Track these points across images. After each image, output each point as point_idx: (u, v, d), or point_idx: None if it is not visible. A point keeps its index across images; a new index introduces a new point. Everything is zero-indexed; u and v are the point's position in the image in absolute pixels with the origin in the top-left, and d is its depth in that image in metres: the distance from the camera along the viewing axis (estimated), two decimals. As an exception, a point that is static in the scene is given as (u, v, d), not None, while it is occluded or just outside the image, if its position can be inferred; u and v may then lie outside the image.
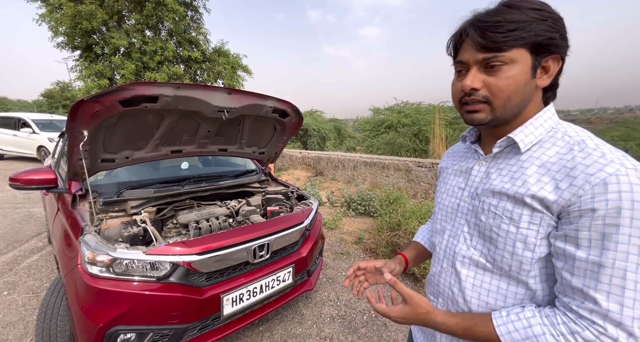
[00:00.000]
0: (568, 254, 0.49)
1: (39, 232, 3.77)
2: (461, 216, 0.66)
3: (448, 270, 0.67)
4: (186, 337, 1.50)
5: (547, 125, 0.57)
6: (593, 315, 0.47)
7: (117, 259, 1.37)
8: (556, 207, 0.50)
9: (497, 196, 0.58)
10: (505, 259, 0.56)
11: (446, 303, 0.68)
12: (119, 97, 1.44)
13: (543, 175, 0.53)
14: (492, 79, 0.55)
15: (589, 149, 0.50)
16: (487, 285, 0.60)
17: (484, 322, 0.56)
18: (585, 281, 0.47)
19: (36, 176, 1.87)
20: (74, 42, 9.50)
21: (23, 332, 1.98)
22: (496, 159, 0.63)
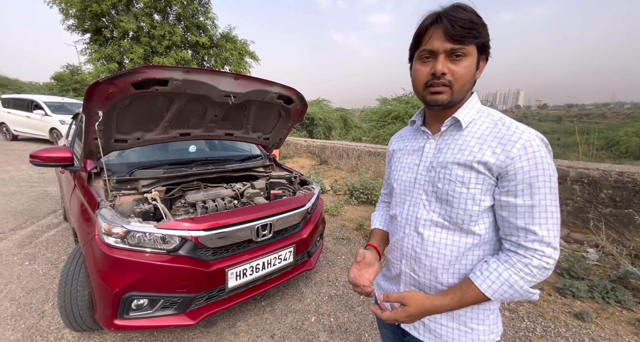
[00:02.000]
0: (511, 204, 0.65)
1: (55, 210, 3.96)
2: (419, 187, 0.78)
3: (410, 234, 0.78)
4: (193, 306, 1.63)
5: (476, 108, 0.73)
6: (535, 244, 0.63)
7: (131, 232, 1.48)
8: (496, 168, 0.65)
9: (450, 166, 0.71)
10: (459, 215, 0.70)
11: (409, 263, 0.79)
12: (131, 80, 1.51)
13: (482, 144, 0.68)
14: (455, 67, 0.66)
15: (507, 124, 0.68)
16: (444, 240, 0.73)
17: (470, 288, 0.68)
18: (526, 220, 0.64)
19: (54, 154, 1.99)
20: (84, 25, 9.52)
21: (45, 297, 2.14)
22: (443, 136, 0.76)
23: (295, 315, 2.07)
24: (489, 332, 0.74)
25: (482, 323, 0.74)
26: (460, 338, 0.74)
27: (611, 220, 3.15)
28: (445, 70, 0.66)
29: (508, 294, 0.65)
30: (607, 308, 2.14)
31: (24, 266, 2.55)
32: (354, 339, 1.86)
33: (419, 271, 0.77)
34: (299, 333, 1.90)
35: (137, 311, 1.53)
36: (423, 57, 0.70)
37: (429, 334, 0.78)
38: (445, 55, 0.66)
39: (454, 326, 0.75)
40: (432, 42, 0.66)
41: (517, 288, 0.64)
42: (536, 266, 0.63)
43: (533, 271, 0.63)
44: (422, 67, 0.70)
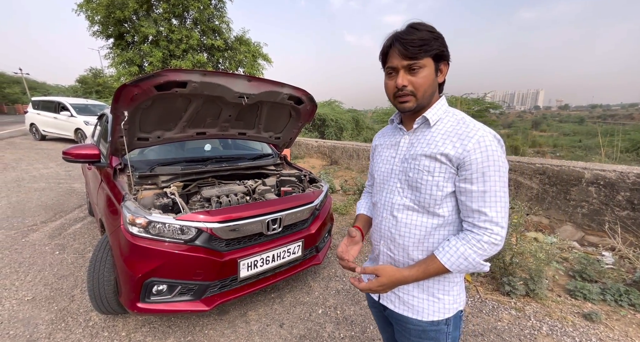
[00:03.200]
0: (467, 190, 0.77)
1: (80, 205, 4.22)
2: (394, 176, 0.89)
3: (387, 218, 0.90)
4: (208, 293, 1.74)
5: (443, 109, 0.85)
6: (486, 223, 0.75)
7: (152, 222, 1.61)
8: (455, 160, 0.77)
9: (419, 157, 0.82)
10: (426, 199, 0.81)
11: (387, 243, 0.91)
12: (154, 82, 1.64)
13: (446, 140, 0.79)
14: (414, 78, 0.78)
15: (467, 122, 0.80)
16: (414, 221, 0.84)
17: (433, 261, 0.80)
18: (479, 204, 0.75)
19: (84, 151, 2.17)
20: (108, 31, 10.03)
21: (74, 284, 2.33)
22: (415, 133, 0.87)
23: (303, 307, 2.15)
24: (453, 301, 0.87)
25: (448, 294, 0.86)
26: (429, 307, 0.86)
27: (628, 223, 3.07)
28: (406, 83, 0.78)
29: (464, 266, 0.77)
30: (619, 311, 2.11)
31: (55, 255, 2.76)
32: (359, 330, 1.93)
33: (394, 249, 0.89)
34: (307, 323, 1.98)
35: (157, 295, 1.66)
36: (388, 73, 0.82)
37: (403, 306, 0.90)
38: (404, 70, 0.78)
39: (423, 296, 0.87)
40: (392, 60, 0.79)
41: (470, 260, 0.76)
42: (486, 241, 0.75)
43: (484, 246, 0.75)
44: (389, 81, 0.83)
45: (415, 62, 0.76)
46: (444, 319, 0.86)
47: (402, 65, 0.78)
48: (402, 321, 0.91)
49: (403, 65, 0.78)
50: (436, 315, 0.86)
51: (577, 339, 1.85)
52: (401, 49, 0.76)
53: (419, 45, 0.75)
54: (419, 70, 0.78)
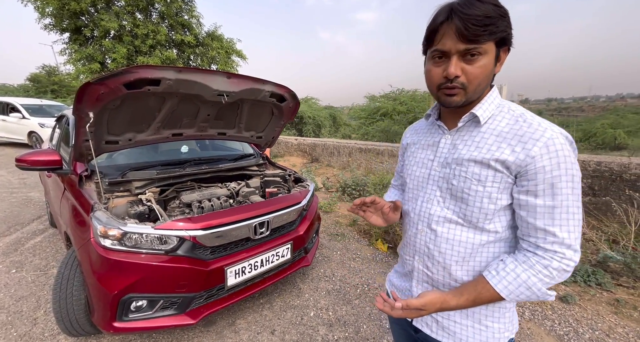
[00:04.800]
0: (530, 204, 0.63)
1: (39, 216, 3.84)
2: (433, 183, 0.76)
3: (423, 230, 0.76)
4: (193, 305, 1.63)
5: (496, 103, 0.69)
6: (554, 245, 0.61)
7: (128, 233, 1.47)
8: (514, 167, 0.63)
9: (465, 163, 0.69)
10: (474, 213, 0.68)
11: (423, 259, 0.78)
12: (123, 80, 1.49)
13: (501, 142, 0.65)
14: (469, 67, 0.62)
15: (529, 120, 0.64)
16: (458, 237, 0.71)
17: (484, 287, 0.66)
18: (545, 221, 0.62)
19: (42, 157, 1.94)
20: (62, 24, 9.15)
21: (36, 305, 2.09)
22: (459, 132, 0.73)
23: (294, 311, 2.09)
24: (504, 330, 0.73)
25: (498, 321, 0.72)
26: (475, 336, 0.73)
27: (590, 208, 3.32)
28: (459, 73, 0.63)
29: (525, 296, 0.64)
30: (589, 291, 2.26)
31: (11, 274, 2.47)
32: (353, 331, 1.91)
33: (433, 267, 0.75)
34: (299, 328, 1.93)
35: (136, 312, 1.52)
36: (435, 57, 0.66)
37: (442, 332, 0.77)
38: (458, 56, 0.62)
39: (468, 323, 0.74)
40: (444, 42, 0.62)
41: (534, 290, 0.63)
42: (556, 268, 0.61)
43: (552, 273, 0.61)
44: (435, 68, 0.66)
45: (476, 46, 0.60)
46: None
47: (458, 50, 0.61)
48: None
49: (459, 49, 0.61)
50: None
51: (556, 322, 1.96)
52: (460, 28, 0.58)
53: (484, 25, 0.58)
54: (478, 58, 0.61)
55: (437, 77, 0.66)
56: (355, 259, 2.81)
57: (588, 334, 1.85)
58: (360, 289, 2.35)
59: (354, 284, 2.41)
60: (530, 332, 1.88)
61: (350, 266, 2.68)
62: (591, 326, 1.90)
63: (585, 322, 1.94)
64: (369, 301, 2.20)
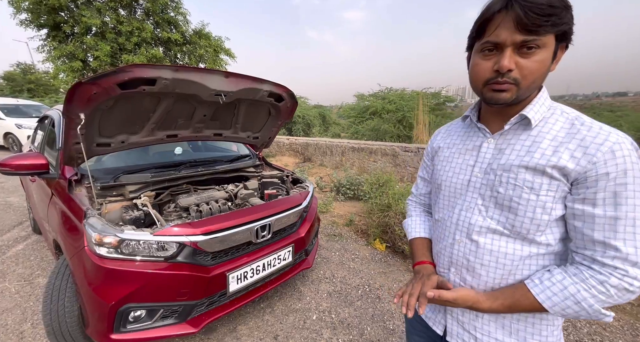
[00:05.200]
0: (587, 214, 0.57)
1: (20, 222, 3.64)
2: (473, 190, 0.70)
3: (462, 241, 0.71)
4: (194, 313, 1.57)
5: (547, 104, 0.64)
6: (615, 261, 0.55)
7: (125, 240, 1.40)
8: (574, 174, 0.58)
9: (515, 169, 0.63)
10: (525, 224, 0.62)
11: (460, 271, 0.72)
12: (117, 80, 1.41)
13: (557, 147, 0.60)
14: (525, 61, 0.57)
15: (588, 123, 0.59)
16: (504, 249, 0.65)
17: (524, 295, 0.61)
18: (605, 234, 0.56)
19: (27, 161, 1.82)
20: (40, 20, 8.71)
21: (21, 317, 1.97)
22: (505, 135, 0.67)
23: (296, 314, 2.06)
24: None
25: (545, 340, 0.67)
26: None
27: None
28: (512, 67, 0.57)
29: (572, 311, 0.58)
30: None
31: (-7, 285, 2.33)
32: (357, 333, 1.89)
33: (472, 281, 0.70)
34: (302, 332, 1.90)
35: (135, 323, 1.45)
36: (485, 50, 0.60)
37: None
38: (513, 48, 0.57)
39: (511, 341, 0.68)
40: (498, 32, 0.57)
41: (584, 306, 0.57)
42: (615, 285, 0.55)
43: (610, 291, 0.55)
44: (484, 61, 0.61)
45: (535, 38, 0.54)
46: None
47: (514, 41, 0.55)
48: None
49: (515, 41, 0.55)
50: None
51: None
52: (521, 16, 0.53)
53: (547, 14, 0.52)
54: (536, 51, 0.56)
55: (486, 72, 0.61)
56: (354, 260, 2.80)
57: (586, 328, 1.89)
58: (362, 290, 2.34)
59: (355, 285, 2.39)
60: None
61: (350, 267, 2.67)
62: (588, 321, 1.96)
63: (581, 316, 2.00)
64: (371, 302, 2.19)
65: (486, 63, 0.61)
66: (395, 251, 2.93)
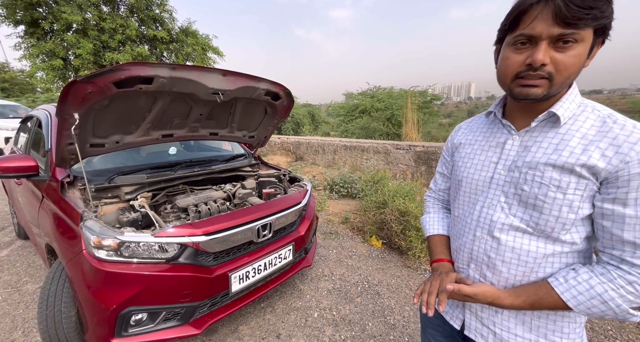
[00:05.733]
0: (617, 213, 0.57)
1: (3, 227, 3.49)
2: (496, 187, 0.70)
3: (483, 238, 0.71)
4: (197, 315, 1.55)
5: (577, 101, 0.63)
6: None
7: (125, 243, 1.37)
8: (604, 173, 0.57)
9: (541, 167, 0.62)
10: (550, 222, 0.62)
11: (479, 268, 0.72)
12: (113, 78, 1.38)
13: (587, 145, 0.58)
14: (560, 56, 0.55)
15: (621, 122, 0.58)
16: (526, 247, 0.65)
17: (548, 293, 0.61)
18: (636, 234, 0.55)
19: (15, 163, 1.75)
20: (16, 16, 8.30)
21: (11, 325, 1.90)
22: (531, 133, 0.66)
23: (298, 313, 2.07)
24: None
25: (567, 337, 0.66)
26: None
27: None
28: (547, 61, 0.55)
29: (598, 310, 0.58)
30: None
31: (-22, 293, 2.23)
32: (359, 329, 1.92)
33: (493, 277, 0.70)
34: (305, 330, 1.90)
35: (136, 326, 1.43)
36: (518, 43, 0.58)
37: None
38: (549, 42, 0.55)
39: (531, 338, 0.68)
40: (534, 24, 0.55)
41: (611, 305, 0.57)
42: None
43: (638, 290, 0.55)
44: (515, 55, 0.59)
45: (573, 32, 0.52)
46: None
47: (550, 34, 0.54)
48: None
49: (552, 34, 0.53)
50: None
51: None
52: (561, 7, 0.51)
53: (589, 7, 0.50)
54: (573, 45, 0.54)
55: (517, 65, 0.59)
56: (351, 257, 2.83)
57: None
58: (361, 286, 2.36)
59: (354, 282, 2.42)
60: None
61: (348, 264, 2.69)
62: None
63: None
64: (371, 298, 2.22)
65: (518, 56, 0.59)
66: (392, 247, 2.97)
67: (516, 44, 0.59)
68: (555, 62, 0.56)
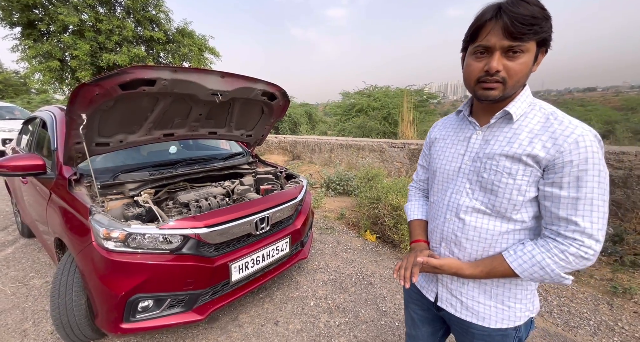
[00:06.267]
0: (555, 195, 0.68)
1: (5, 227, 3.57)
2: (462, 175, 0.81)
3: (451, 219, 0.82)
4: (200, 302, 1.66)
5: (528, 101, 0.74)
6: (575, 234, 0.66)
7: (132, 234, 1.47)
8: (544, 161, 0.68)
9: (497, 157, 0.74)
10: (503, 204, 0.74)
11: (449, 245, 0.84)
12: (119, 81, 1.47)
13: (533, 138, 0.70)
14: (510, 63, 0.66)
15: (560, 118, 0.69)
16: (486, 226, 0.77)
17: (501, 263, 0.73)
18: (568, 211, 0.67)
19: (23, 162, 1.83)
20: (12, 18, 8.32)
21: (21, 316, 1.99)
22: (491, 128, 0.77)
23: (295, 302, 2.18)
24: (525, 309, 0.80)
25: (520, 302, 0.79)
26: (497, 315, 0.80)
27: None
28: (500, 68, 0.67)
29: (538, 275, 0.70)
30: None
31: (-14, 288, 2.31)
32: (352, 316, 2.03)
33: (459, 253, 0.82)
34: (301, 317, 2.01)
35: (143, 312, 1.53)
36: (477, 52, 0.70)
37: (466, 312, 0.83)
38: (501, 52, 0.66)
39: (490, 304, 0.80)
40: (489, 38, 0.66)
41: (548, 271, 0.68)
42: (573, 253, 0.66)
43: (569, 258, 0.66)
44: (476, 62, 0.70)
45: (519, 44, 0.64)
46: (512, 327, 0.80)
47: (502, 46, 0.65)
48: (464, 325, 0.85)
49: (503, 45, 0.65)
50: (504, 323, 0.80)
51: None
52: (508, 25, 0.62)
53: (530, 24, 0.62)
54: (520, 55, 0.66)
55: (477, 71, 0.70)
56: (347, 251, 2.94)
57: (556, 301, 2.11)
58: (355, 277, 2.48)
59: (349, 274, 2.53)
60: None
61: (343, 257, 2.81)
62: (557, 294, 2.18)
63: (552, 291, 2.22)
64: (364, 288, 2.33)
65: (478, 64, 0.70)
66: (385, 241, 3.09)
67: (476, 53, 0.70)
68: (507, 68, 0.67)
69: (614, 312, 1.97)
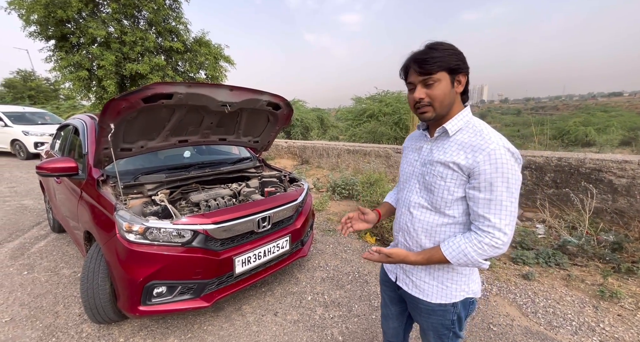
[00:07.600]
0: (475, 196, 0.85)
1: (38, 222, 3.93)
2: (414, 177, 1.01)
3: (405, 213, 1.03)
4: (207, 291, 1.86)
5: (465, 119, 0.92)
6: (489, 228, 0.83)
7: (150, 228, 1.70)
8: (466, 169, 0.85)
9: (435, 164, 0.92)
10: (438, 201, 0.92)
11: (404, 234, 1.04)
12: (142, 95, 1.72)
13: (460, 150, 0.88)
14: (430, 91, 0.86)
15: (483, 134, 0.86)
16: (427, 219, 0.96)
17: (437, 252, 0.91)
18: (484, 210, 0.84)
19: (60, 165, 2.12)
20: (48, 32, 9.06)
21: (54, 300, 2.26)
22: (436, 140, 0.96)
23: (294, 296, 2.35)
24: (460, 290, 0.98)
25: (455, 283, 0.98)
26: (438, 292, 0.99)
27: (554, 199, 3.73)
28: (423, 96, 0.87)
29: (463, 261, 0.87)
30: (548, 270, 2.62)
31: (24, 275, 2.62)
32: (346, 310, 2.18)
33: (409, 240, 1.02)
34: (299, 309, 2.19)
35: (158, 297, 1.75)
36: (409, 87, 0.92)
37: (415, 289, 1.04)
38: (421, 85, 0.87)
39: (433, 283, 1.00)
40: (410, 77, 0.90)
41: (469, 257, 0.86)
42: (487, 243, 0.83)
43: (484, 247, 0.83)
44: (410, 94, 0.93)
45: (430, 77, 0.84)
46: (450, 303, 0.98)
47: (419, 81, 0.86)
48: (414, 301, 1.04)
49: (419, 80, 0.86)
50: (443, 299, 0.98)
51: (517, 294, 2.30)
52: (416, 68, 0.85)
53: (433, 63, 0.83)
54: (435, 84, 0.85)
55: (412, 101, 0.92)
56: (346, 251, 3.09)
57: (542, 302, 2.19)
58: (352, 276, 2.63)
59: (346, 272, 2.68)
60: (496, 303, 2.21)
61: (342, 257, 2.96)
62: (546, 296, 2.25)
63: (541, 293, 2.29)
64: (360, 286, 2.48)
65: (411, 95, 0.92)
66: (384, 243, 3.22)
67: (409, 87, 0.93)
68: (429, 95, 0.87)
69: (598, 315, 2.03)
